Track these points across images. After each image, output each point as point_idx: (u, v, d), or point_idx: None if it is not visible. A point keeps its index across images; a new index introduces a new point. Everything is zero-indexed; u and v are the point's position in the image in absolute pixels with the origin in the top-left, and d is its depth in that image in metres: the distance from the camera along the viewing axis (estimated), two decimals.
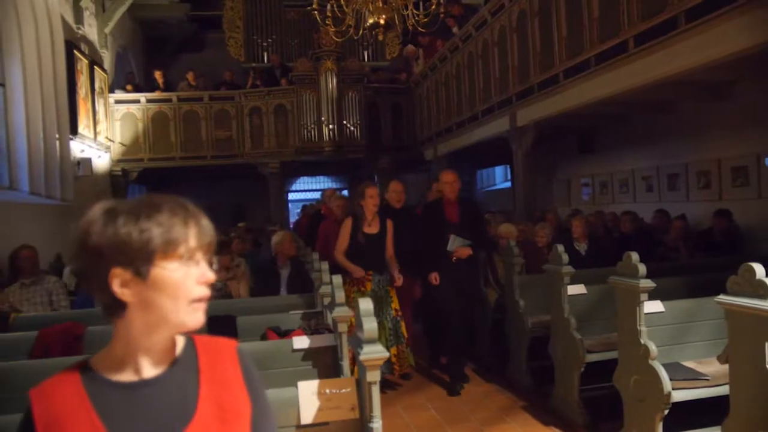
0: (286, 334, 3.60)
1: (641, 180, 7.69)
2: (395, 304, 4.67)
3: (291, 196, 15.61)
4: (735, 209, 5.88)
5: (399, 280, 4.66)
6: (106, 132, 11.06)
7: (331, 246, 5.01)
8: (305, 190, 15.92)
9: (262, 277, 5.18)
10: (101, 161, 10.78)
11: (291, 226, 11.78)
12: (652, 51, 4.49)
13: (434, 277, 4.65)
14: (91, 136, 10.10)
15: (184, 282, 0.93)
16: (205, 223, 0.97)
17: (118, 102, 11.54)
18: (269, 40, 14.47)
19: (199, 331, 1.00)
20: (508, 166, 12.53)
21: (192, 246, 0.94)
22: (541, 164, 9.06)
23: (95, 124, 10.31)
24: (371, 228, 4.62)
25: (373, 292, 4.53)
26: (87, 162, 9.66)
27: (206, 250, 0.96)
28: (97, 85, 10.38)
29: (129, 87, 11.92)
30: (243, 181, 13.26)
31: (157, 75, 12.26)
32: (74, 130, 9.20)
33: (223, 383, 1.01)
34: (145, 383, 0.95)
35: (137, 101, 11.69)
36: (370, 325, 2.23)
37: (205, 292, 0.95)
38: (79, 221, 0.94)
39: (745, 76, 5.17)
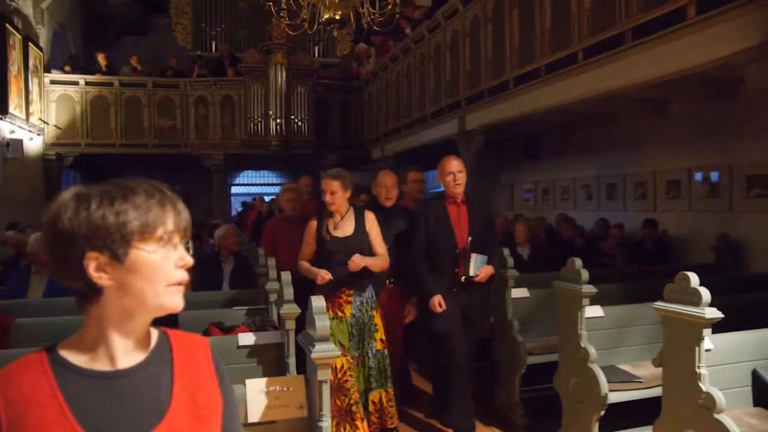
0: (229, 330, 3.52)
1: (582, 188, 7.95)
2: (381, 333, 3.47)
3: (234, 189, 15.30)
4: (668, 220, 6.16)
5: (411, 313, 3.84)
6: (39, 113, 10.51)
7: (282, 252, 4.38)
8: (249, 184, 15.63)
9: (205, 271, 5.04)
10: (33, 144, 10.23)
11: (233, 219, 11.55)
12: (600, 65, 4.65)
13: (438, 303, 3.48)
14: (23, 116, 9.57)
15: (163, 265, 0.91)
16: (181, 206, 0.95)
17: (54, 83, 10.98)
18: (218, 29, 14.12)
19: None
20: None
21: (170, 229, 0.91)
22: (488, 169, 9.23)
23: (28, 104, 9.77)
24: (340, 229, 3.40)
25: (354, 318, 3.39)
26: (17, 144, 9.14)
27: (183, 234, 0.94)
28: (31, 63, 9.84)
29: (67, 68, 11.37)
30: (185, 172, 12.89)
31: (100, 57, 11.74)
32: (4, 109, 8.69)
33: (197, 379, 1.00)
34: (119, 374, 0.92)
35: (75, 83, 11.15)
36: (322, 323, 2.21)
37: (184, 275, 0.93)
38: (47, 208, 0.90)
39: (681, 95, 5.43)
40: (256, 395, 2.24)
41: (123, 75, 11.75)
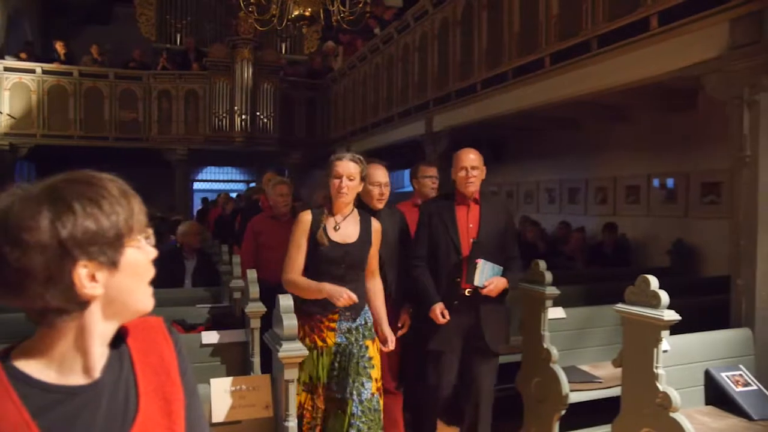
0: (192, 328, 3.47)
1: (545, 192, 8.09)
2: (377, 372, 2.61)
3: (197, 185, 15.05)
4: (627, 225, 6.32)
5: (392, 342, 2.76)
6: None
7: (266, 255, 3.93)
8: (212, 180, 15.41)
9: (166, 268, 4.95)
10: None
11: (194, 216, 11.36)
12: (566, 71, 4.74)
13: (440, 312, 2.90)
14: None
15: (146, 260, 0.85)
16: (135, 193, 0.87)
17: (8, 69, 10.60)
18: (183, 21, 13.86)
19: None
20: None
21: (143, 221, 0.85)
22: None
23: None
24: (341, 233, 2.61)
25: (339, 348, 2.55)
26: None
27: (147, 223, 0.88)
28: None
29: (23, 55, 10.99)
30: (146, 167, 12.60)
31: (59, 46, 11.39)
32: None
33: (160, 369, 0.91)
34: (85, 388, 0.82)
35: (32, 71, 10.79)
36: (290, 322, 2.19)
37: (154, 270, 0.87)
38: None
39: (642, 103, 5.59)
40: (221, 395, 2.21)
41: (84, 65, 11.42)
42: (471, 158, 3.06)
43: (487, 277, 2.87)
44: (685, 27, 3.58)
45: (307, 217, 2.63)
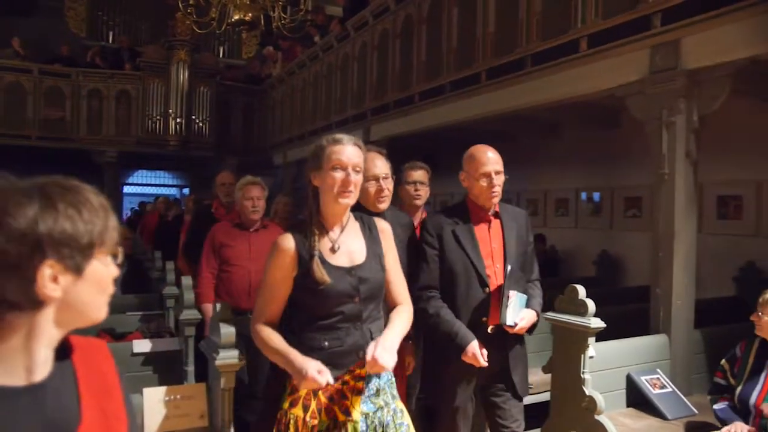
0: (122, 336, 3.37)
1: None
2: None
3: (127, 189, 14.50)
4: (556, 236, 6.59)
5: (411, 363, 2.49)
6: None
7: (233, 275, 3.26)
8: (144, 184, 14.87)
9: None
10: None
11: (124, 220, 10.95)
12: (501, 86, 4.92)
13: (477, 351, 2.22)
14: None
15: (111, 276, 0.87)
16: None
17: None
18: (116, 19, 13.39)
19: None
20: None
21: (116, 239, 0.87)
22: None
23: None
24: (346, 253, 1.82)
25: (368, 421, 1.75)
26: None
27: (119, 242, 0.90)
28: None
29: None
30: (73, 169, 11.95)
31: None
32: None
33: (103, 388, 0.92)
34: (31, 389, 0.82)
35: None
36: (227, 330, 2.17)
37: (113, 288, 0.89)
38: None
39: (572, 120, 5.86)
40: (155, 405, 2.16)
41: (5, 59, 10.81)
42: (493, 159, 2.38)
43: (518, 312, 2.28)
44: (611, 51, 3.80)
45: (288, 243, 1.76)
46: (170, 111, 10.91)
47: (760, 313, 2.47)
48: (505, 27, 4.87)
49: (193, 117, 11.16)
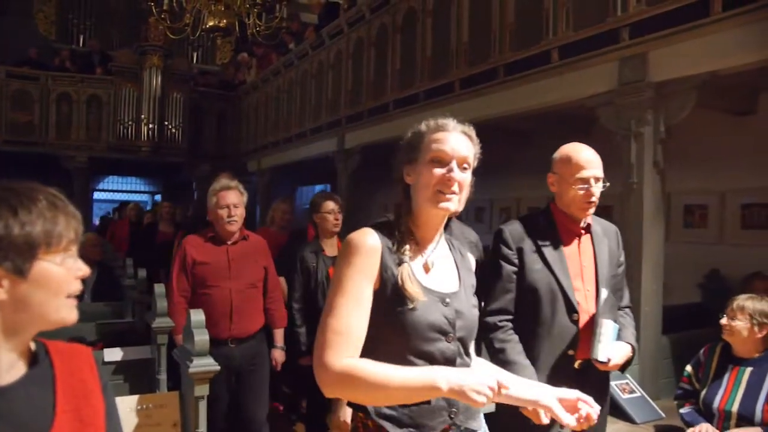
0: (92, 345, 3.31)
1: None
2: None
3: (97, 195, 14.26)
4: None
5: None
6: None
7: (210, 297, 2.73)
8: (114, 190, 14.65)
9: None
10: None
11: (94, 227, 10.75)
12: (474, 95, 4.99)
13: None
14: None
15: (67, 276, 0.86)
16: (74, 211, 0.90)
17: None
18: (87, 22, 13.19)
19: None
20: (328, 185, 12.80)
21: (72, 237, 0.87)
22: (364, 187, 9.42)
23: None
24: (438, 276, 1.37)
25: None
26: None
27: (78, 241, 0.89)
28: None
29: None
30: (41, 174, 11.77)
31: None
32: None
33: (81, 394, 0.92)
34: None
35: None
36: (202, 337, 2.16)
37: (80, 286, 0.88)
38: None
39: (544, 129, 5.95)
40: (126, 414, 2.13)
41: None
42: (595, 163, 2.06)
43: (611, 344, 1.89)
44: (581, 62, 3.89)
45: (372, 240, 1.29)
46: (142, 116, 10.78)
47: (730, 318, 2.52)
48: (478, 37, 4.94)
49: (166, 123, 11.04)
